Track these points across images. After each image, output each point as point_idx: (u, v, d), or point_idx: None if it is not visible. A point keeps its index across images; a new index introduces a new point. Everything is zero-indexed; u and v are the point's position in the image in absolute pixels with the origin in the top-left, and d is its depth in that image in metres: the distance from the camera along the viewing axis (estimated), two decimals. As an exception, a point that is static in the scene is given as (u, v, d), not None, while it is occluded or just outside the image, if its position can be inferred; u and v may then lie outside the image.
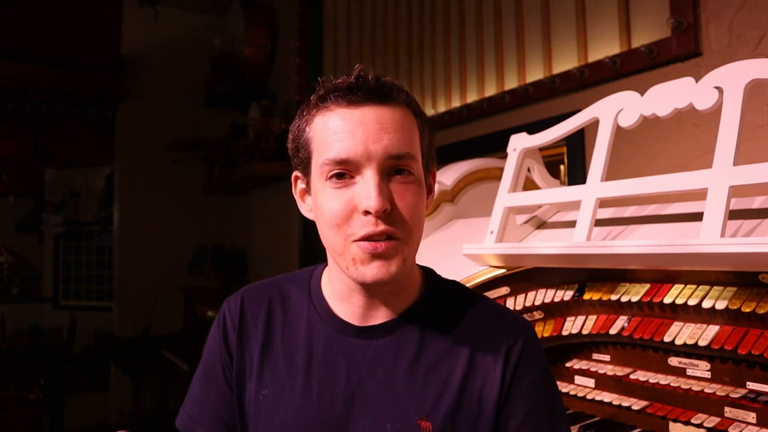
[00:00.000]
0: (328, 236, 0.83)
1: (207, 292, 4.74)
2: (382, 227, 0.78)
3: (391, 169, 0.80)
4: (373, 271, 0.80)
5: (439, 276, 0.96)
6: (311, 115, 0.85)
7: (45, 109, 5.22)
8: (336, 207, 0.80)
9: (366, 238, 0.79)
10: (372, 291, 0.86)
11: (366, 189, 0.78)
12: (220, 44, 5.02)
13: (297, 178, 0.91)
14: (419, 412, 0.83)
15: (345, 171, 0.80)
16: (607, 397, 1.22)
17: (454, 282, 0.97)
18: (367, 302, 0.87)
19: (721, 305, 1.04)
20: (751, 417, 0.99)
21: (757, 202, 1.17)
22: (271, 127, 4.05)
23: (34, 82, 4.82)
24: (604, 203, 1.34)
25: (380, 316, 0.88)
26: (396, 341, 0.87)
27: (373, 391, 0.84)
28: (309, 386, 0.86)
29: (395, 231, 0.79)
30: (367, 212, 0.78)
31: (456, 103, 2.73)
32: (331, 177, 0.80)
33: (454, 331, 0.88)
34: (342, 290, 0.89)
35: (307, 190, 0.89)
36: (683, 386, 1.09)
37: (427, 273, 0.95)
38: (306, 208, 0.91)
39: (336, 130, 0.80)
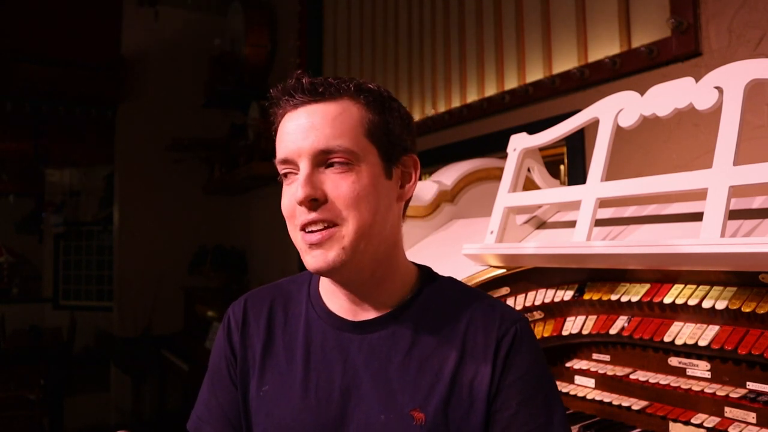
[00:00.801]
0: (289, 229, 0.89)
1: (207, 292, 4.74)
2: (313, 215, 0.83)
3: (324, 162, 0.84)
4: (312, 260, 0.84)
5: (435, 273, 0.98)
6: (276, 121, 0.91)
7: (45, 109, 5.22)
8: (285, 203, 0.87)
9: (304, 227, 0.84)
10: (338, 282, 0.89)
11: (298, 182, 0.84)
12: (220, 44, 5.02)
13: None
14: (412, 403, 0.84)
15: (289, 169, 0.86)
16: (607, 397, 1.22)
17: (449, 278, 0.99)
18: (350, 295, 0.90)
19: (721, 305, 1.04)
20: (751, 417, 0.99)
21: (757, 202, 1.17)
22: (271, 127, 4.04)
23: (34, 82, 4.82)
24: (604, 203, 1.34)
25: (371, 310, 0.90)
26: (390, 335, 0.89)
27: (367, 384, 0.87)
28: (307, 381, 0.89)
29: (327, 218, 0.83)
30: (300, 203, 0.83)
31: (456, 103, 2.73)
32: (283, 176, 0.88)
33: (447, 324, 0.90)
34: (327, 284, 0.93)
35: None
36: (683, 386, 1.10)
37: (423, 270, 0.97)
38: None
39: (281, 132, 0.88)
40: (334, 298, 0.92)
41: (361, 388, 0.87)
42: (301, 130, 0.84)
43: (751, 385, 1.02)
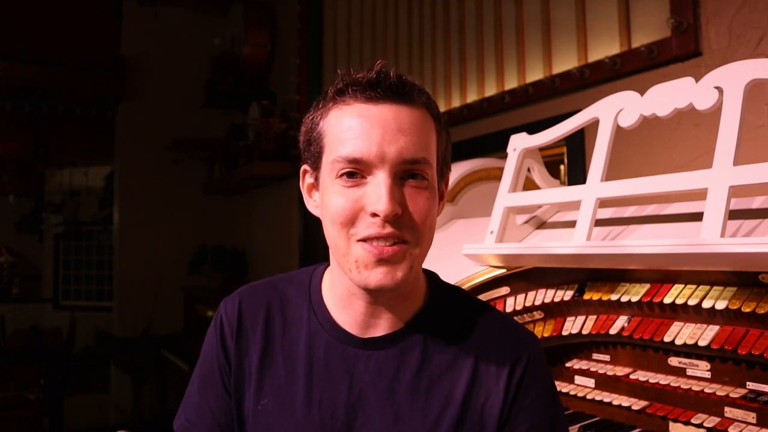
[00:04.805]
0: (331, 234, 0.80)
1: (207, 292, 4.74)
2: (389, 230, 0.75)
3: (405, 173, 0.77)
4: (377, 276, 0.77)
5: (444, 282, 0.94)
6: (327, 108, 0.82)
7: (45, 109, 5.22)
8: (342, 205, 0.77)
9: (370, 238, 0.76)
10: (375, 297, 0.83)
11: (376, 191, 0.75)
12: (220, 44, 5.02)
13: (306, 172, 0.88)
14: (421, 428, 0.81)
15: (356, 170, 0.77)
16: (607, 397, 1.22)
17: (458, 289, 0.95)
18: (369, 309, 0.84)
19: (721, 305, 1.04)
20: (751, 417, 0.99)
21: (757, 202, 1.17)
22: (271, 127, 4.05)
23: (34, 82, 4.82)
24: (604, 203, 1.34)
25: (383, 325, 0.86)
26: (399, 353, 0.85)
27: (374, 403, 0.83)
28: (310, 396, 0.84)
29: (403, 234, 0.77)
30: (374, 215, 0.75)
31: (456, 103, 2.73)
32: (342, 175, 0.77)
33: (457, 344, 0.86)
34: (343, 295, 0.86)
35: (315, 186, 0.85)
36: (683, 386, 1.09)
37: (431, 279, 0.92)
38: (313, 204, 0.88)
39: (351, 127, 0.77)
40: (345, 309, 0.86)
41: (368, 408, 0.82)
42: (387, 131, 0.75)
43: (751, 385, 1.02)
